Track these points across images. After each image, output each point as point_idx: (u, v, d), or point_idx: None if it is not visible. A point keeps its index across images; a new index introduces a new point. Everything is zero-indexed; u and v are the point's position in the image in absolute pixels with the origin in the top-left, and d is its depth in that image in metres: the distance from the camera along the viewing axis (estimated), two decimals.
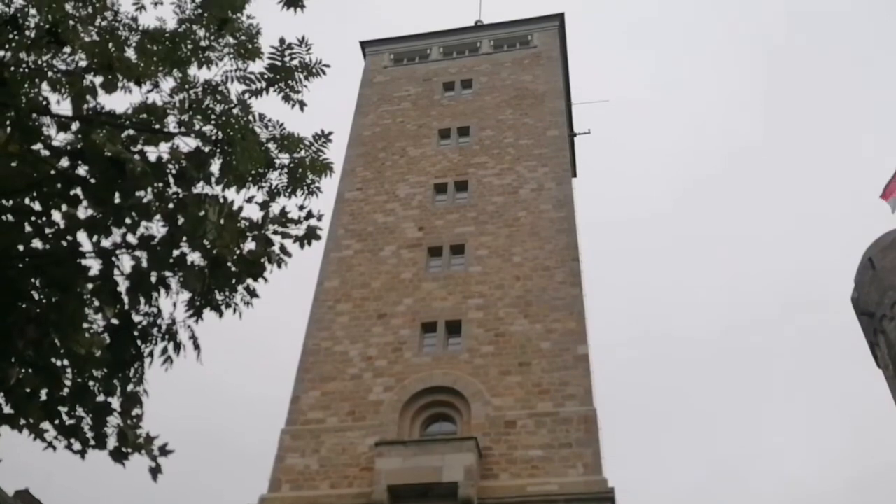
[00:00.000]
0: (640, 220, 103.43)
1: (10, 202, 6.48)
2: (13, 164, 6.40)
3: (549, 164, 30.92)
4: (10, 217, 6.43)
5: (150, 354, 6.97)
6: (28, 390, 6.46)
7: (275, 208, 6.98)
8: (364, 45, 38.89)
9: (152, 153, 6.90)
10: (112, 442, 6.53)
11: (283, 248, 7.06)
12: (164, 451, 6.75)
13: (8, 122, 6.51)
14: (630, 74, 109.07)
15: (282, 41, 7.24)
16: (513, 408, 22.85)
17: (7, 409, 6.46)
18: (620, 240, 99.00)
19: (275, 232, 6.96)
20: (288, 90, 7.31)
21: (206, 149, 6.86)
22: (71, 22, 7.97)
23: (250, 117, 7.10)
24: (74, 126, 7.18)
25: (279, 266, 7.17)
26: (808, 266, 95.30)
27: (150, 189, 6.64)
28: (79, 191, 6.69)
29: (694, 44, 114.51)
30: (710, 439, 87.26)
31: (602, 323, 76.75)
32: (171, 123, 7.21)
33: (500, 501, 20.50)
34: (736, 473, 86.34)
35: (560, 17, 38.13)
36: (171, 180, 6.64)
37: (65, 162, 6.80)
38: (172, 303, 6.77)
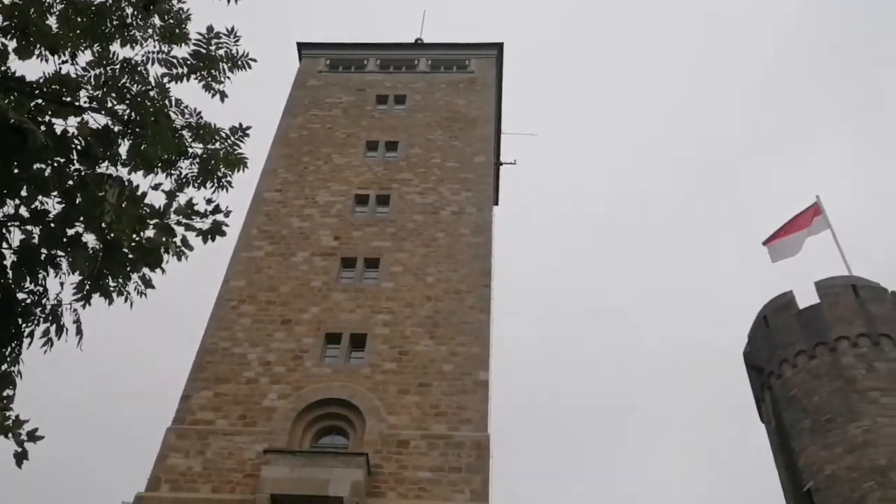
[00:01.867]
0: (550, 257, 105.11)
1: None
2: None
3: (473, 190, 31.20)
4: None
5: (31, 335, 6.66)
6: None
7: (181, 199, 6.78)
8: (301, 46, 38.54)
9: (59, 126, 6.63)
10: None
11: (184, 241, 6.86)
12: (33, 436, 6.44)
13: None
14: (560, 114, 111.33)
15: (209, 29, 7.06)
16: (408, 427, 22.76)
17: None
18: (534, 268, 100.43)
19: (178, 223, 6.76)
20: (210, 79, 7.13)
21: (116, 128, 6.62)
22: None
23: (167, 102, 6.88)
24: None
25: (179, 259, 6.96)
26: (707, 319, 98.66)
27: (50, 163, 6.36)
28: None
29: (623, 94, 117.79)
30: (599, 480, 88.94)
31: (506, 352, 77.38)
32: (83, 98, 6.93)
33: None
34: None
35: (499, 47, 38.69)
36: (75, 156, 6.38)
37: None
38: (60, 283, 6.48)
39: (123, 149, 6.64)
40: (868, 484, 24.10)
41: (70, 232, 6.34)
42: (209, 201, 6.88)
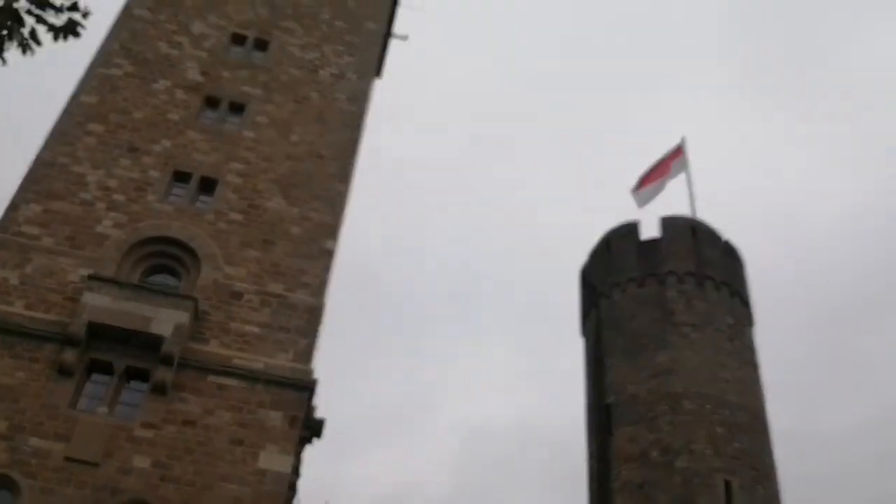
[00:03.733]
0: (422, 138, 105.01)
1: None
2: None
3: (357, 56, 30.14)
4: None
5: None
6: None
7: None
8: None
9: None
10: None
11: (33, 33, 6.13)
12: None
13: None
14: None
15: None
16: (244, 280, 22.39)
17: None
18: (404, 147, 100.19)
19: (29, 12, 6.00)
20: None
21: None
22: None
23: None
24: None
25: (24, 52, 6.23)
26: (556, 234, 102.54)
27: None
28: None
29: None
30: (419, 367, 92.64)
31: (358, 223, 77.38)
32: None
33: (203, 365, 20.15)
34: (431, 399, 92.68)
35: None
36: None
37: None
38: None
39: None
40: (662, 407, 26.31)
41: None
42: None
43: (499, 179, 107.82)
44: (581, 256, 33.55)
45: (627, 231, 31.72)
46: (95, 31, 26.25)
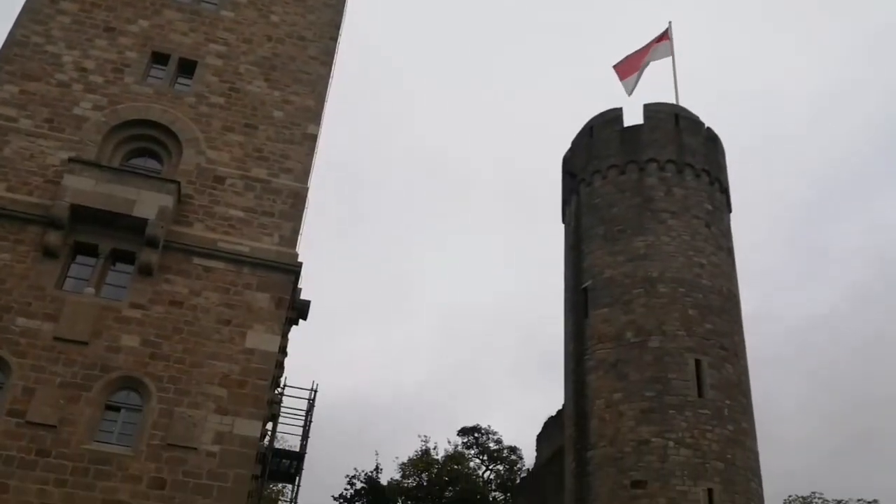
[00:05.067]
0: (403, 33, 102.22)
1: None
2: None
3: None
4: None
5: None
6: None
7: None
8: None
9: None
10: None
11: None
12: None
13: None
14: None
15: None
16: (227, 165, 22.37)
17: None
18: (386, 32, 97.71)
19: None
20: None
21: None
22: None
23: None
24: None
25: None
26: (545, 122, 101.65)
27: None
28: None
29: None
30: (403, 253, 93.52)
31: (339, 110, 76.28)
32: None
33: (188, 248, 20.38)
34: (413, 284, 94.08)
35: None
36: None
37: None
38: None
39: None
40: (637, 290, 26.95)
41: None
42: None
43: (485, 68, 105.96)
44: (566, 146, 33.46)
45: (610, 118, 31.49)
46: None
